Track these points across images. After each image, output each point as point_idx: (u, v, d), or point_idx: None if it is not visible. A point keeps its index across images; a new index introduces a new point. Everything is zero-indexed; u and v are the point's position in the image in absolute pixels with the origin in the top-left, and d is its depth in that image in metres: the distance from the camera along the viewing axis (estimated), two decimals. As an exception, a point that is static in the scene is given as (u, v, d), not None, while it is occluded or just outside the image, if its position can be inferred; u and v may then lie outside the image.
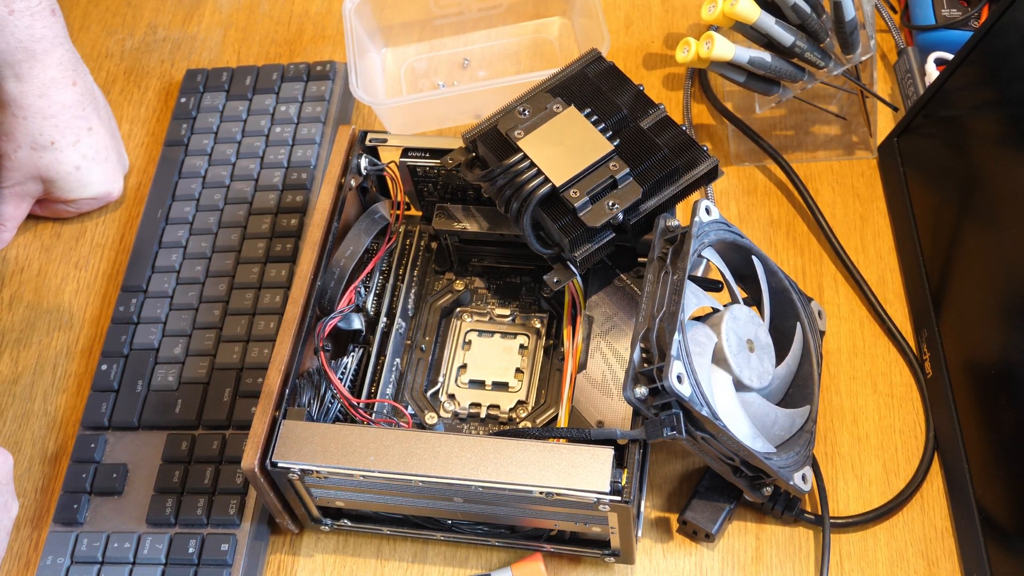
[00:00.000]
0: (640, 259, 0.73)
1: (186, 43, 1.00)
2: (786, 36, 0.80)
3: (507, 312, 0.76)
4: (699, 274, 0.71)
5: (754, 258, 0.70)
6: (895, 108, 0.87)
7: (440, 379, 0.74)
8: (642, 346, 0.62)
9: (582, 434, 0.64)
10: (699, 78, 0.91)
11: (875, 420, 0.74)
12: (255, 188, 0.87)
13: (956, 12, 0.86)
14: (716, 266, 0.69)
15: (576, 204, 0.65)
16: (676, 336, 0.61)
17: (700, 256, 0.67)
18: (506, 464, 0.62)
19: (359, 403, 0.70)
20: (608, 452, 0.61)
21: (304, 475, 0.64)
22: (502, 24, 0.96)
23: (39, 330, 0.84)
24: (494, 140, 0.69)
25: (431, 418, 0.72)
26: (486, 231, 0.74)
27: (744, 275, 0.71)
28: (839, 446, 0.74)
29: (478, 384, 0.73)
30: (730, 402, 0.64)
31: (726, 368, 0.65)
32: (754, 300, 0.72)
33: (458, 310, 0.77)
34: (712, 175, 0.69)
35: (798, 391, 0.71)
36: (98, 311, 0.85)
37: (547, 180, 0.66)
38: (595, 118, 0.69)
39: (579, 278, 0.70)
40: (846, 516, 0.70)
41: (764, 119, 0.88)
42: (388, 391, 0.73)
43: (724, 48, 0.79)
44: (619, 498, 0.61)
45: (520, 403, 0.72)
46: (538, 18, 0.97)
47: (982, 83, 0.74)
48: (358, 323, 0.72)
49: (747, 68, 0.81)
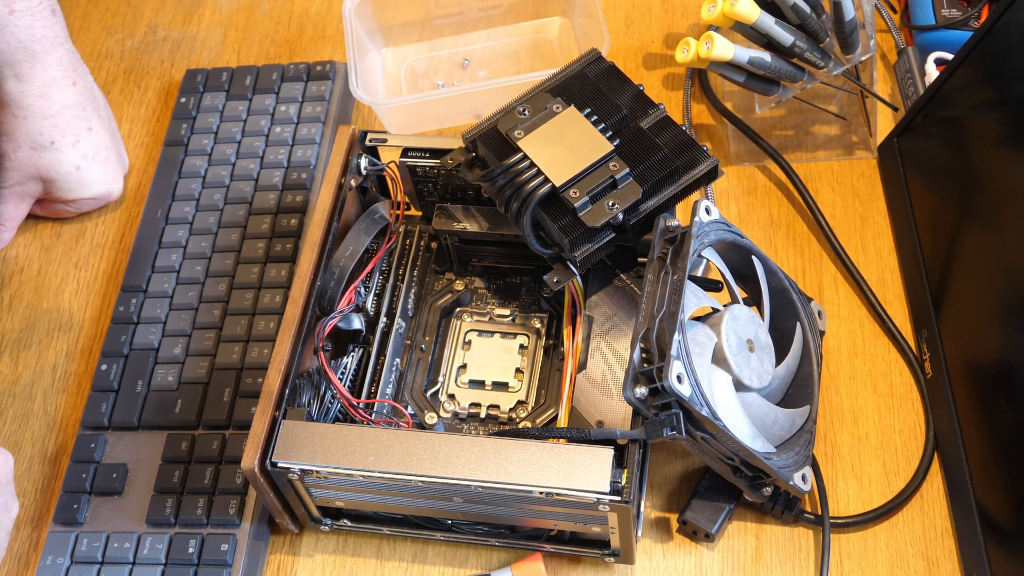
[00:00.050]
0: (640, 259, 0.73)
1: (186, 43, 1.00)
2: (786, 36, 0.80)
3: (507, 312, 0.76)
4: (699, 274, 0.71)
5: (754, 258, 0.70)
6: (895, 108, 0.87)
7: (440, 379, 0.74)
8: (642, 346, 0.62)
9: (582, 434, 0.64)
10: (699, 78, 0.91)
11: (875, 420, 0.74)
12: (255, 188, 0.87)
13: (956, 12, 0.86)
14: (716, 266, 0.69)
15: (576, 204, 0.65)
16: (676, 336, 0.61)
17: (700, 256, 0.67)
18: (506, 464, 0.62)
19: (359, 403, 0.70)
20: (608, 452, 0.61)
21: (304, 475, 0.64)
22: (502, 24, 0.96)
23: (39, 330, 0.84)
24: (494, 140, 0.69)
25: (431, 418, 0.72)
26: (486, 231, 0.74)
27: (744, 275, 0.71)
28: (839, 446, 0.74)
29: (478, 384, 0.73)
30: (730, 402, 0.64)
31: (726, 368, 0.65)
32: (754, 300, 0.71)
33: (458, 310, 0.77)
34: (712, 175, 0.69)
35: (798, 391, 0.71)
36: (98, 311, 0.85)
37: (547, 180, 0.66)
38: (595, 118, 0.69)
39: (579, 278, 0.70)
40: (846, 516, 0.70)
41: (764, 119, 0.88)
42: (388, 391, 0.73)
43: (724, 48, 0.79)
44: (619, 498, 0.61)
45: (520, 403, 0.72)
46: (538, 18, 0.97)
47: (982, 83, 0.74)
48: (358, 323, 0.72)
49: (747, 68, 0.81)
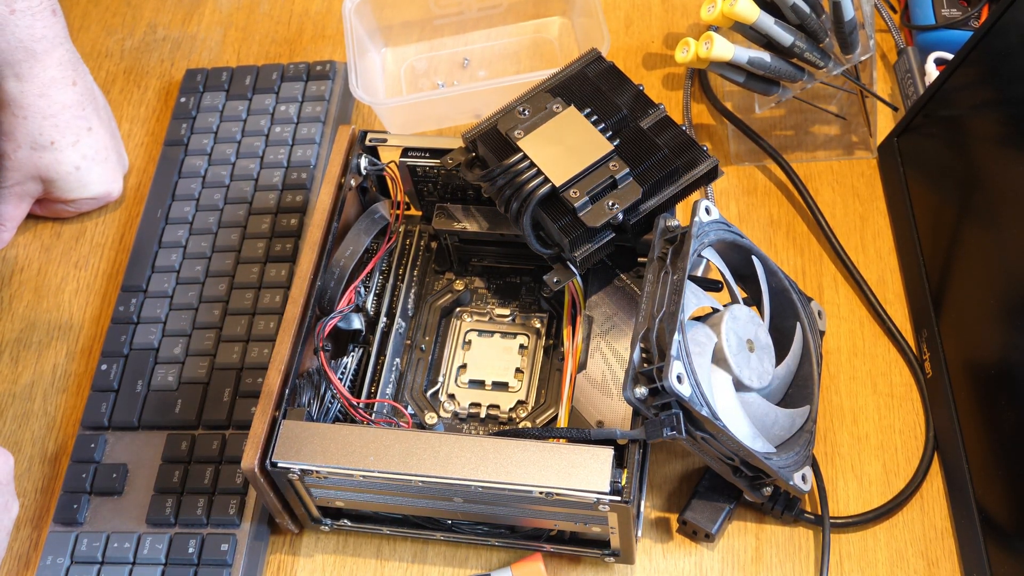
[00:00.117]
0: (640, 259, 0.73)
1: (186, 43, 1.00)
2: (785, 36, 0.80)
3: (507, 312, 0.76)
4: (699, 274, 0.71)
5: (754, 258, 0.70)
6: (895, 108, 0.87)
7: (440, 379, 0.74)
8: (642, 346, 0.62)
9: (582, 434, 0.64)
10: (699, 78, 0.91)
11: (875, 420, 0.74)
12: (255, 188, 0.87)
13: (956, 12, 0.86)
14: (716, 266, 0.69)
15: (576, 204, 0.65)
16: (676, 336, 0.61)
17: (700, 256, 0.67)
18: (506, 464, 0.62)
19: (359, 403, 0.70)
20: (608, 452, 0.61)
21: (304, 475, 0.64)
22: (502, 24, 0.96)
23: (39, 330, 0.84)
24: (494, 140, 0.69)
25: (431, 418, 0.72)
26: (486, 231, 0.74)
27: (744, 275, 0.71)
28: (839, 446, 0.74)
29: (478, 384, 0.73)
30: (730, 402, 0.64)
31: (726, 368, 0.65)
32: (754, 300, 0.71)
33: (458, 310, 0.77)
34: (712, 175, 0.69)
35: (798, 391, 0.71)
36: (98, 311, 0.85)
37: (547, 180, 0.66)
38: (595, 118, 0.69)
39: (579, 278, 0.70)
40: (846, 516, 0.70)
41: (764, 119, 0.88)
42: (388, 391, 0.73)
43: (723, 48, 0.79)
44: (619, 498, 0.61)
45: (520, 403, 0.72)
46: (538, 18, 0.97)
47: (982, 83, 0.74)
48: (358, 323, 0.72)
49: (747, 68, 0.81)
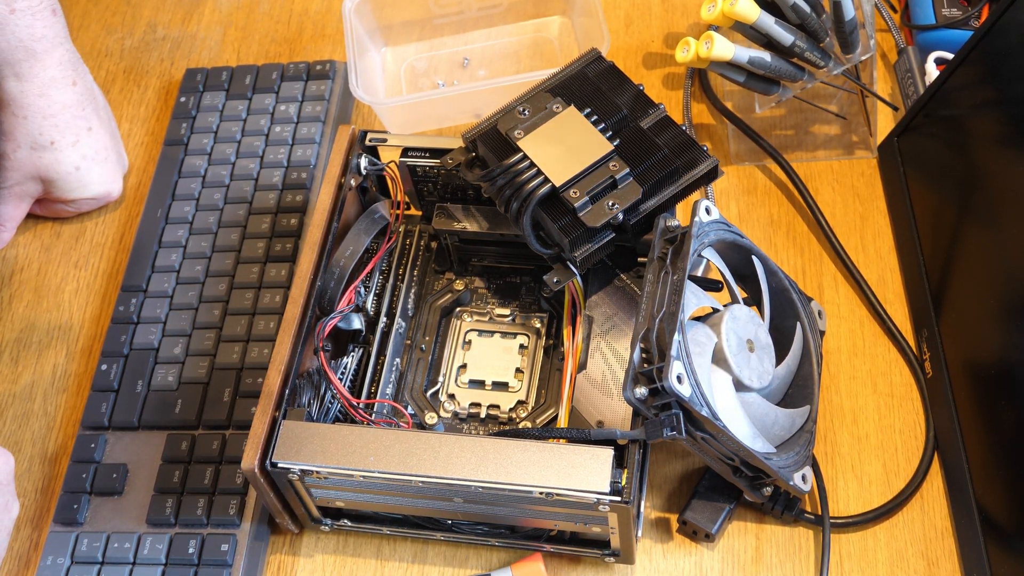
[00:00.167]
0: (640, 259, 0.73)
1: (186, 42, 1.00)
2: (786, 36, 0.80)
3: (507, 312, 0.76)
4: (699, 274, 0.71)
5: (754, 258, 0.70)
6: (895, 108, 0.87)
7: (440, 379, 0.74)
8: (642, 346, 0.62)
9: (582, 434, 0.64)
10: (699, 78, 0.91)
11: (875, 420, 0.74)
12: (255, 187, 0.87)
13: (956, 12, 0.86)
14: (716, 266, 0.69)
15: (576, 204, 0.65)
16: (676, 336, 0.61)
17: (700, 256, 0.67)
18: (506, 464, 0.62)
19: (359, 403, 0.70)
20: (608, 452, 0.61)
21: (304, 475, 0.64)
22: (502, 23, 0.96)
23: (39, 329, 0.84)
24: (494, 140, 0.69)
25: (431, 418, 0.72)
26: (486, 231, 0.74)
27: (744, 275, 0.71)
28: (839, 446, 0.74)
29: (478, 384, 0.73)
30: (730, 402, 0.64)
31: (726, 368, 0.65)
32: (754, 300, 0.71)
33: (458, 310, 0.77)
34: (712, 175, 0.69)
35: (798, 391, 0.71)
36: (98, 311, 0.85)
37: (547, 180, 0.66)
38: (595, 118, 0.69)
39: (579, 278, 0.70)
40: (846, 516, 0.70)
41: (764, 119, 0.88)
42: (388, 391, 0.73)
43: (724, 48, 0.79)
44: (619, 498, 0.61)
45: (520, 403, 0.72)
46: (538, 17, 0.97)
47: (982, 83, 0.74)
48: (358, 323, 0.72)
49: (747, 68, 0.81)
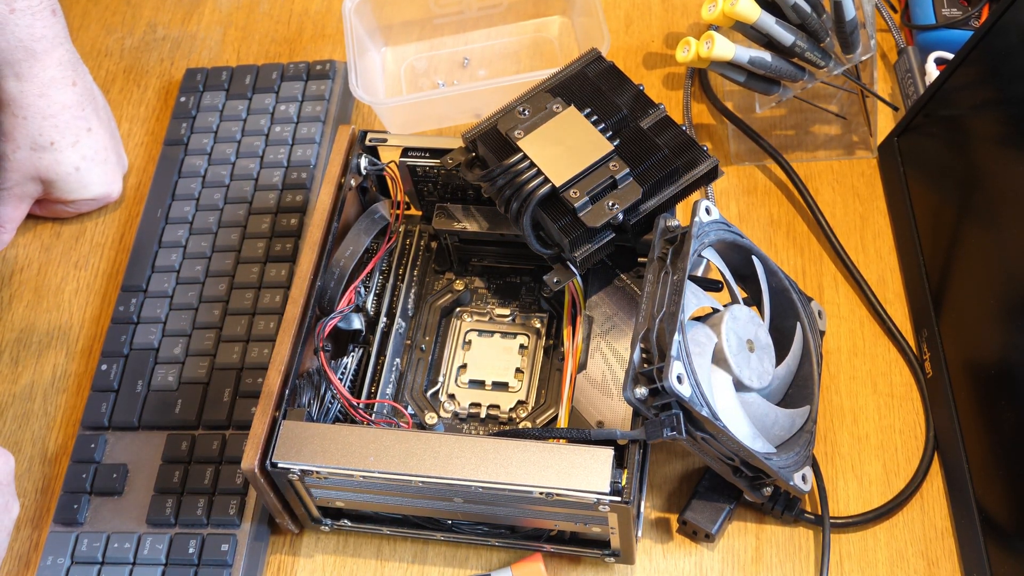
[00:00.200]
0: (640, 259, 0.73)
1: (186, 42, 1.00)
2: (786, 36, 0.80)
3: (507, 312, 0.76)
4: (699, 274, 0.71)
5: (754, 258, 0.70)
6: (895, 108, 0.87)
7: (440, 379, 0.74)
8: (642, 346, 0.62)
9: (582, 434, 0.64)
10: (699, 78, 0.91)
11: (875, 420, 0.74)
12: (255, 187, 0.87)
13: (956, 12, 0.86)
14: (716, 266, 0.69)
15: (576, 204, 0.65)
16: (676, 336, 0.61)
17: (700, 256, 0.67)
18: (506, 464, 0.62)
19: (359, 403, 0.70)
20: (608, 452, 0.61)
21: (304, 475, 0.64)
22: (502, 23, 0.96)
23: (39, 330, 0.84)
24: (494, 140, 0.69)
25: (431, 418, 0.72)
26: (486, 231, 0.74)
27: (744, 275, 0.71)
28: (839, 446, 0.74)
29: (478, 384, 0.73)
30: (730, 402, 0.64)
31: (726, 368, 0.65)
32: (754, 300, 0.71)
33: (458, 310, 0.77)
34: (712, 175, 0.69)
35: (798, 391, 0.71)
36: (98, 311, 0.85)
37: (547, 180, 0.66)
38: (595, 118, 0.69)
39: (579, 278, 0.70)
40: (846, 516, 0.70)
41: (764, 119, 0.88)
42: (388, 391, 0.73)
43: (724, 48, 0.79)
44: (619, 498, 0.61)
45: (520, 403, 0.72)
46: (538, 17, 0.97)
47: (982, 83, 0.74)
48: (358, 323, 0.72)
49: (747, 68, 0.81)
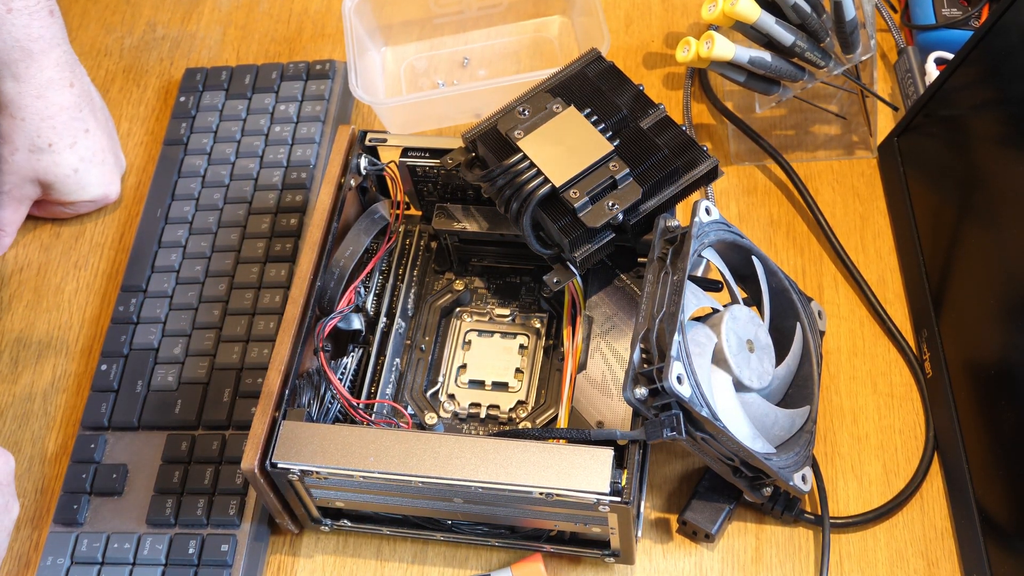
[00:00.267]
0: (640, 259, 0.73)
1: (185, 41, 1.00)
2: (786, 36, 0.80)
3: (507, 312, 0.76)
4: (699, 274, 0.71)
5: (754, 258, 0.70)
6: (895, 108, 0.87)
7: (440, 379, 0.74)
8: (642, 347, 0.62)
9: (582, 435, 0.64)
10: (699, 78, 0.91)
11: (875, 420, 0.74)
12: (255, 187, 0.87)
13: (956, 12, 0.86)
14: (716, 266, 0.69)
15: (576, 204, 0.65)
16: (676, 337, 0.61)
17: (700, 256, 0.67)
18: (506, 465, 0.62)
19: (359, 403, 0.70)
20: (608, 453, 0.61)
21: (304, 476, 0.64)
22: (502, 23, 0.96)
23: (39, 330, 0.84)
24: (494, 140, 0.69)
25: (431, 418, 0.72)
26: (486, 231, 0.74)
27: (744, 275, 0.71)
28: (839, 446, 0.74)
29: (478, 384, 0.73)
30: (730, 402, 0.64)
31: (726, 368, 0.65)
32: (754, 300, 0.71)
33: (458, 310, 0.77)
34: (712, 175, 0.69)
35: (798, 391, 0.71)
36: (98, 311, 0.84)
37: (547, 180, 0.66)
38: (595, 118, 0.69)
39: (579, 278, 0.70)
40: (846, 516, 0.70)
41: (764, 119, 0.88)
42: (388, 391, 0.73)
43: (724, 48, 0.79)
44: (619, 499, 0.61)
45: (520, 403, 0.72)
46: (538, 17, 0.97)
47: (982, 83, 0.74)
48: (358, 323, 0.72)
49: (747, 68, 0.81)
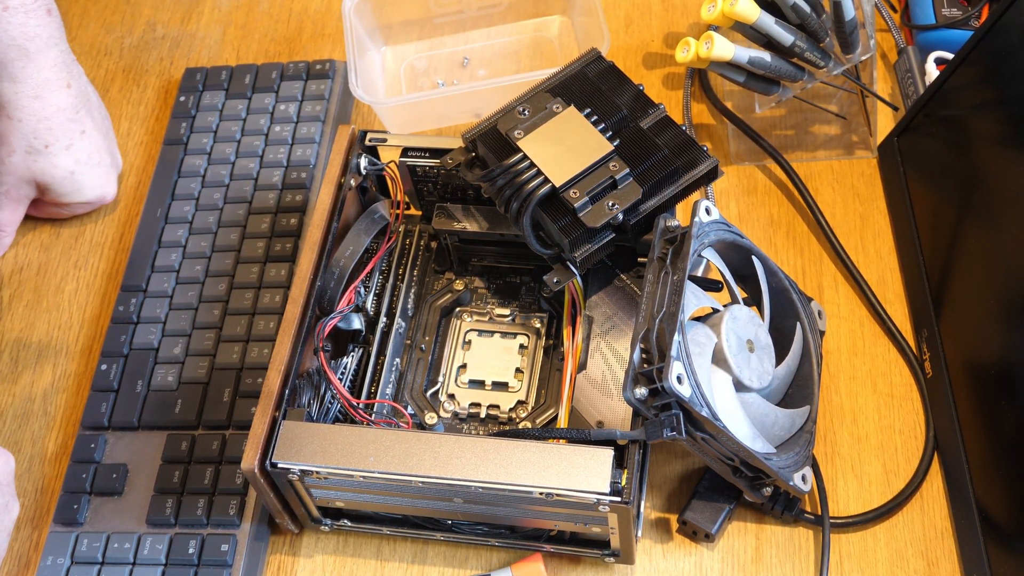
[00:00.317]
0: (640, 259, 0.73)
1: (185, 41, 1.00)
2: (786, 36, 0.80)
3: (507, 312, 0.76)
4: (699, 274, 0.71)
5: (754, 258, 0.70)
6: (895, 108, 0.87)
7: (440, 379, 0.74)
8: (642, 346, 0.62)
9: (582, 434, 0.64)
10: (699, 78, 0.91)
11: (875, 420, 0.74)
12: (255, 187, 0.87)
13: (956, 11, 0.86)
14: (716, 266, 0.69)
15: (576, 204, 0.65)
16: (676, 337, 0.61)
17: (700, 256, 0.67)
18: (506, 465, 0.62)
19: (359, 403, 0.70)
20: (608, 453, 0.61)
21: (304, 475, 0.64)
22: (502, 23, 0.96)
23: (39, 330, 0.84)
24: (494, 140, 0.69)
25: (431, 418, 0.72)
26: (486, 231, 0.74)
27: (744, 275, 0.71)
28: (839, 446, 0.74)
29: (478, 384, 0.73)
30: (730, 402, 0.64)
31: (726, 368, 0.65)
32: (754, 300, 0.71)
33: (458, 310, 0.77)
34: (712, 175, 0.69)
35: (798, 391, 0.71)
36: (98, 311, 0.84)
37: (547, 180, 0.66)
38: (595, 118, 0.69)
39: (579, 278, 0.70)
40: (846, 516, 0.71)
41: (764, 119, 0.88)
42: (388, 391, 0.73)
43: (724, 48, 0.79)
44: (619, 499, 0.61)
45: (520, 403, 0.72)
46: (538, 17, 0.97)
47: (982, 83, 0.74)
48: (358, 323, 0.72)
49: (747, 68, 0.81)
